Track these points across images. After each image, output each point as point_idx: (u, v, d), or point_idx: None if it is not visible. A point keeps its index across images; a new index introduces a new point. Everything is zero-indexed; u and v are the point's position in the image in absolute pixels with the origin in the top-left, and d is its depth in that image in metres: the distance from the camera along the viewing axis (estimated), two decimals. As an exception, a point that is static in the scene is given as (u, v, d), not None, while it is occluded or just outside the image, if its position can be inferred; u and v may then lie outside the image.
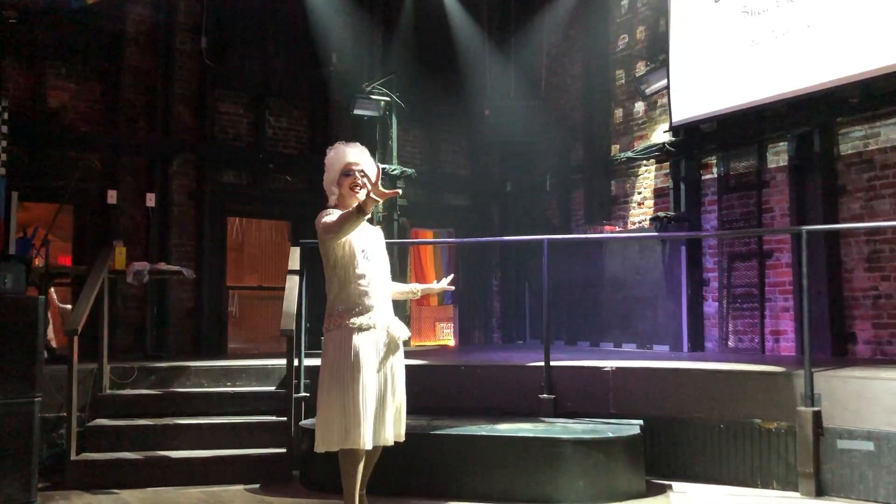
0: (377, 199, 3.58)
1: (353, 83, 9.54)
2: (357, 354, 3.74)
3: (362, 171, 4.00)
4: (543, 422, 5.38)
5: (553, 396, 5.67)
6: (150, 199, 8.39)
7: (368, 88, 9.48)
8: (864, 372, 5.03)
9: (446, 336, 12.47)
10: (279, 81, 9.38)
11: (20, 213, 7.11)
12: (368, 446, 3.72)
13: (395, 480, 4.85)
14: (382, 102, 9.59)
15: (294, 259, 6.09)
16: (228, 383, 6.09)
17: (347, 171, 4.00)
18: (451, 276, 4.37)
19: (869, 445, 4.64)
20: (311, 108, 9.63)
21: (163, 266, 7.37)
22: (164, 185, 8.52)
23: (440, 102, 10.33)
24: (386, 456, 4.95)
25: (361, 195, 3.85)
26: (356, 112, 9.36)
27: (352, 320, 3.79)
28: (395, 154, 9.98)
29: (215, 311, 8.77)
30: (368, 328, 3.80)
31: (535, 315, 10.08)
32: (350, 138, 10.52)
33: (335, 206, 4.00)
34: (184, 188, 8.70)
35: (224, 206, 9.02)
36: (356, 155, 4.06)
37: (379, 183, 3.65)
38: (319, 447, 3.83)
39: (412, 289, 4.38)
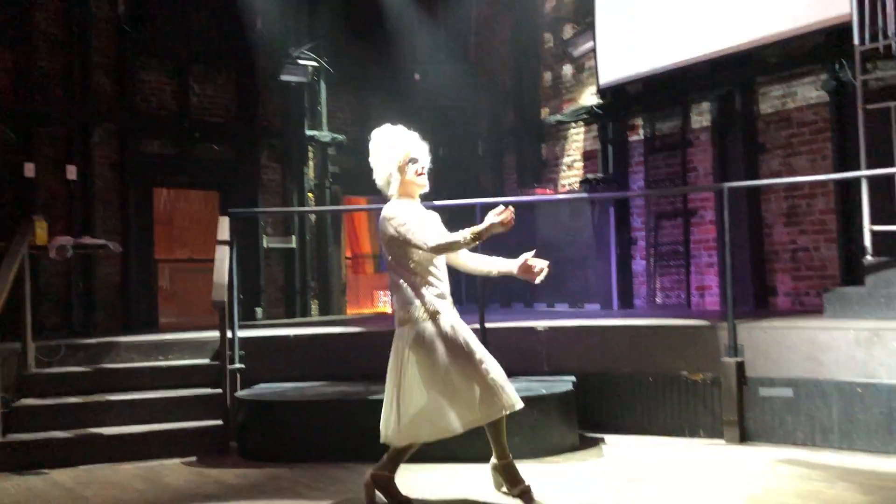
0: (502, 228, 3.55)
1: (280, 49, 9.34)
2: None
3: (424, 161, 3.89)
4: (479, 382, 5.46)
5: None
6: (71, 172, 8.09)
7: (295, 54, 9.31)
8: (784, 322, 5.26)
9: (384, 303, 12.49)
10: (203, 48, 9.13)
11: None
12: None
13: (337, 447, 4.87)
14: (310, 68, 9.43)
15: (223, 229, 5.98)
16: (161, 357, 5.98)
17: (415, 158, 3.86)
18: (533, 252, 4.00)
19: (788, 392, 4.87)
20: (236, 75, 9.39)
21: (87, 240, 7.13)
22: (86, 156, 8.23)
23: (370, 67, 10.21)
24: (329, 423, 4.98)
25: (494, 219, 3.60)
26: (283, 78, 9.20)
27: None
28: (325, 121, 9.85)
29: (145, 285, 8.57)
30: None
31: (471, 279, 10.13)
32: (278, 105, 10.40)
33: (397, 194, 3.85)
34: (106, 159, 8.42)
35: (150, 177, 8.77)
36: (420, 143, 3.93)
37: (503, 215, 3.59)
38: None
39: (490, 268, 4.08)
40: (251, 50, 9.33)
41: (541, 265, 3.81)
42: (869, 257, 5.29)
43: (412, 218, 3.74)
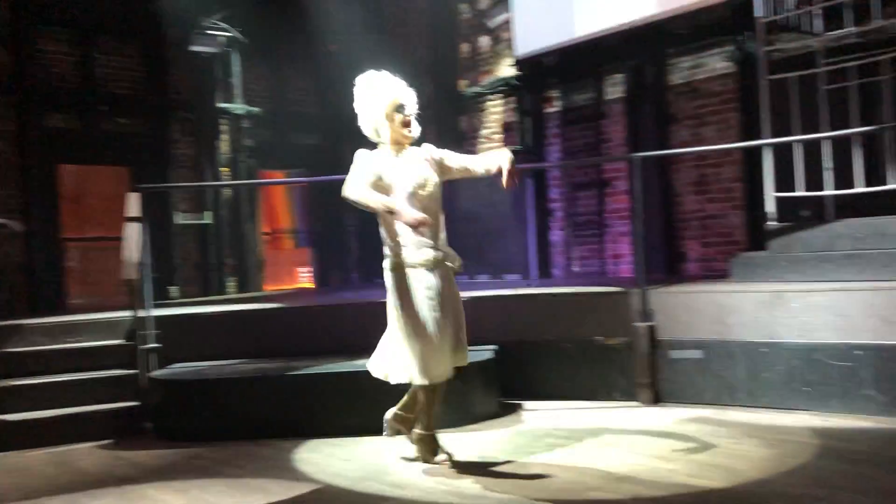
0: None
1: (190, 18, 9.01)
2: None
3: (412, 107, 3.79)
4: (400, 354, 5.48)
5: (409, 329, 5.76)
6: (-34, 148, 7.67)
7: (206, 24, 9.01)
8: (693, 287, 5.45)
9: (305, 280, 12.35)
10: (108, 16, 8.70)
11: None
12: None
13: (257, 424, 4.82)
14: (222, 38, 9.16)
15: (133, 205, 5.77)
16: (70, 339, 5.77)
17: (400, 107, 3.74)
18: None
19: (698, 354, 5.06)
20: (144, 45, 9.02)
21: (-15, 219, 6.81)
22: (-19, 131, 7.80)
23: (285, 38, 9.97)
24: (245, 400, 4.92)
25: (406, 217, 3.60)
26: (194, 48, 8.90)
27: None
28: (238, 93, 9.60)
29: (51, 266, 8.23)
30: None
31: (391, 252, 10.13)
32: (189, 76, 10.05)
33: (388, 143, 3.77)
34: (4, 133, 7.99)
35: (53, 152, 8.37)
36: (405, 90, 3.80)
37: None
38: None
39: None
40: (159, 19, 8.94)
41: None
42: (772, 222, 5.50)
43: (358, 166, 3.75)
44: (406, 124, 3.78)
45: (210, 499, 3.60)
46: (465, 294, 5.91)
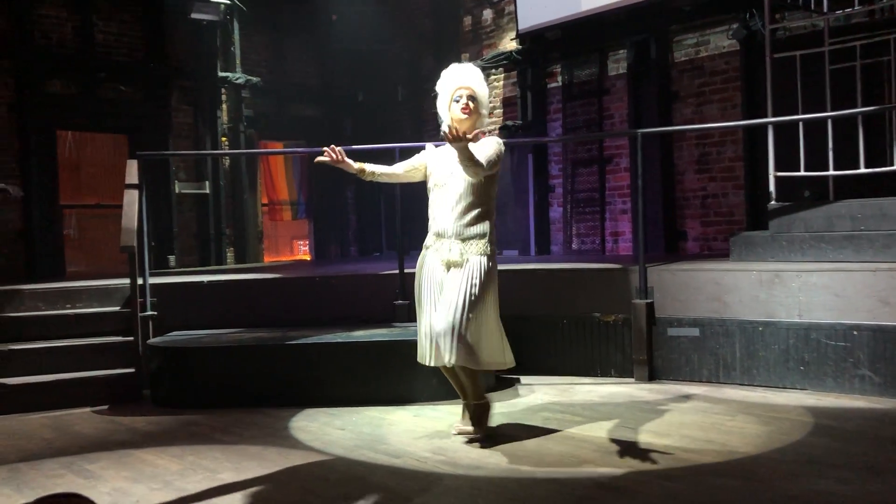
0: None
1: (190, -15, 8.91)
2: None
3: (472, 94, 3.80)
4: (398, 327, 5.50)
5: (407, 302, 5.77)
6: (-36, 112, 7.62)
7: (206, -9, 8.91)
8: (692, 265, 5.44)
9: (303, 252, 12.35)
10: (106, -19, 8.63)
11: None
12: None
13: (254, 393, 4.84)
14: (222, 6, 9.06)
15: (132, 173, 5.75)
16: (68, 305, 5.77)
17: (457, 97, 3.81)
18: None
19: (695, 331, 5.07)
20: (143, 11, 8.94)
21: (-16, 184, 6.78)
22: (-20, 96, 7.75)
23: (286, 7, 9.89)
24: (243, 368, 4.93)
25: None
26: (194, 16, 8.80)
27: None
28: (238, 62, 9.53)
29: (49, 232, 8.22)
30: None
31: (391, 227, 10.13)
32: (188, 44, 9.98)
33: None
34: (2, 99, 7.94)
35: (52, 118, 8.32)
36: (466, 77, 3.84)
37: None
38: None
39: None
40: (159, -15, 8.89)
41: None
42: (773, 202, 5.49)
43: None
44: (462, 111, 3.81)
45: (206, 465, 3.62)
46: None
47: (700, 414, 4.25)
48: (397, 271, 5.87)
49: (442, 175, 3.85)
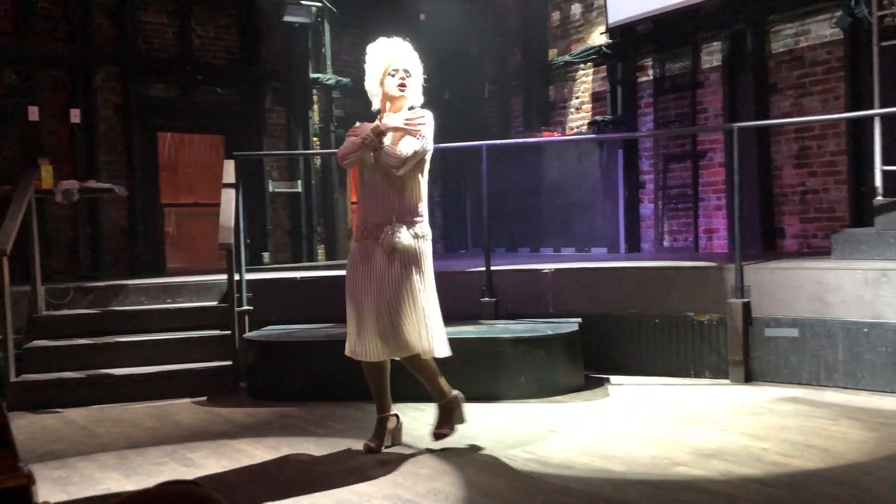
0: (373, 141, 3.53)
1: (283, -11, 9.14)
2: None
3: (407, 70, 3.69)
4: (484, 324, 5.50)
5: (494, 299, 5.78)
6: (75, 115, 8.02)
7: (298, -6, 9.12)
8: (791, 263, 5.24)
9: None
10: (204, -12, 8.95)
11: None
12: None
13: (345, 386, 4.92)
14: (314, 8, 9.25)
15: (229, 172, 5.96)
16: (169, 300, 6.03)
17: (393, 71, 3.68)
18: None
19: (794, 332, 4.88)
20: (238, 15, 9.23)
21: (92, 184, 7.12)
22: (89, 99, 8.15)
23: (374, 8, 10.01)
24: (335, 363, 5.02)
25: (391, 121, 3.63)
26: (286, 19, 9.02)
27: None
28: (329, 63, 9.72)
29: (151, 230, 8.59)
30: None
31: (477, 224, 10.14)
32: (281, 47, 10.24)
33: (380, 112, 3.77)
34: (109, 102, 8.34)
35: (153, 120, 8.70)
36: (399, 52, 3.71)
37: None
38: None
39: None
40: (253, -10, 9.15)
41: None
42: (879, 198, 5.23)
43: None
44: (399, 86, 3.69)
45: (299, 456, 3.71)
46: (550, 265, 5.90)
47: (800, 417, 4.09)
48: (483, 268, 5.87)
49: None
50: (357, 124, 3.84)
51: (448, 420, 3.82)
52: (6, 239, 5.09)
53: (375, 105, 3.84)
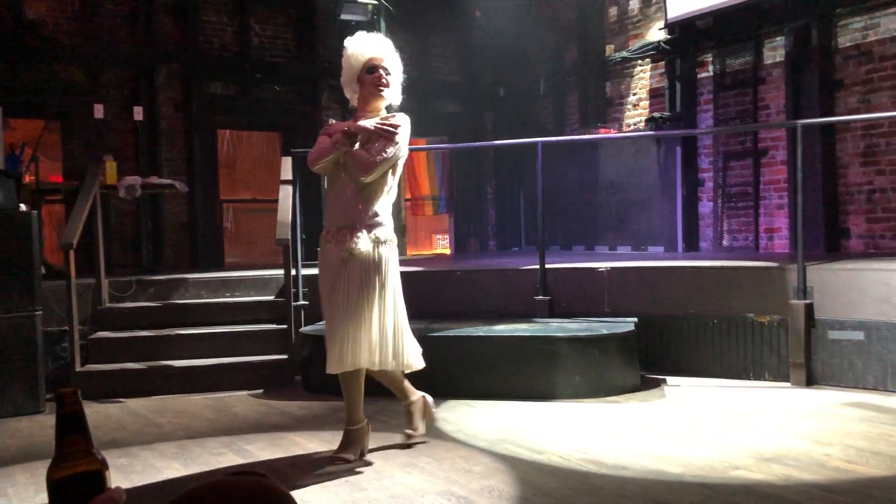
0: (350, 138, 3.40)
1: (340, -13, 9.22)
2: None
3: (386, 68, 3.54)
4: (539, 322, 5.46)
5: (548, 298, 5.73)
6: (138, 113, 8.25)
7: (355, -8, 9.18)
8: (856, 264, 5.08)
9: (442, 246, 12.52)
10: (263, -14, 9.09)
11: (6, 132, 7.00)
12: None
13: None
14: (370, 6, 9.29)
15: (286, 169, 6.04)
16: (227, 294, 6.14)
17: (371, 68, 3.53)
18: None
19: (859, 335, 4.73)
20: (296, 14, 9.36)
21: (155, 180, 7.31)
22: (151, 97, 8.37)
23: (429, 5, 10.04)
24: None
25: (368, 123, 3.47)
26: (343, 17, 9.09)
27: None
28: (384, 60, 9.77)
29: (210, 225, 8.76)
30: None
31: (530, 221, 10.10)
32: (338, 45, 10.25)
33: (357, 109, 3.64)
34: (171, 100, 8.55)
35: (213, 117, 8.88)
36: (379, 48, 3.55)
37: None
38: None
39: None
40: (310, -11, 9.27)
41: None
42: (952, 197, 5.04)
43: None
44: (377, 84, 3.52)
45: (353, 450, 3.73)
46: (606, 264, 5.83)
47: (865, 423, 3.96)
48: (537, 266, 5.83)
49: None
50: (331, 122, 3.73)
51: (411, 420, 3.82)
52: (73, 233, 5.25)
53: (353, 102, 3.69)
